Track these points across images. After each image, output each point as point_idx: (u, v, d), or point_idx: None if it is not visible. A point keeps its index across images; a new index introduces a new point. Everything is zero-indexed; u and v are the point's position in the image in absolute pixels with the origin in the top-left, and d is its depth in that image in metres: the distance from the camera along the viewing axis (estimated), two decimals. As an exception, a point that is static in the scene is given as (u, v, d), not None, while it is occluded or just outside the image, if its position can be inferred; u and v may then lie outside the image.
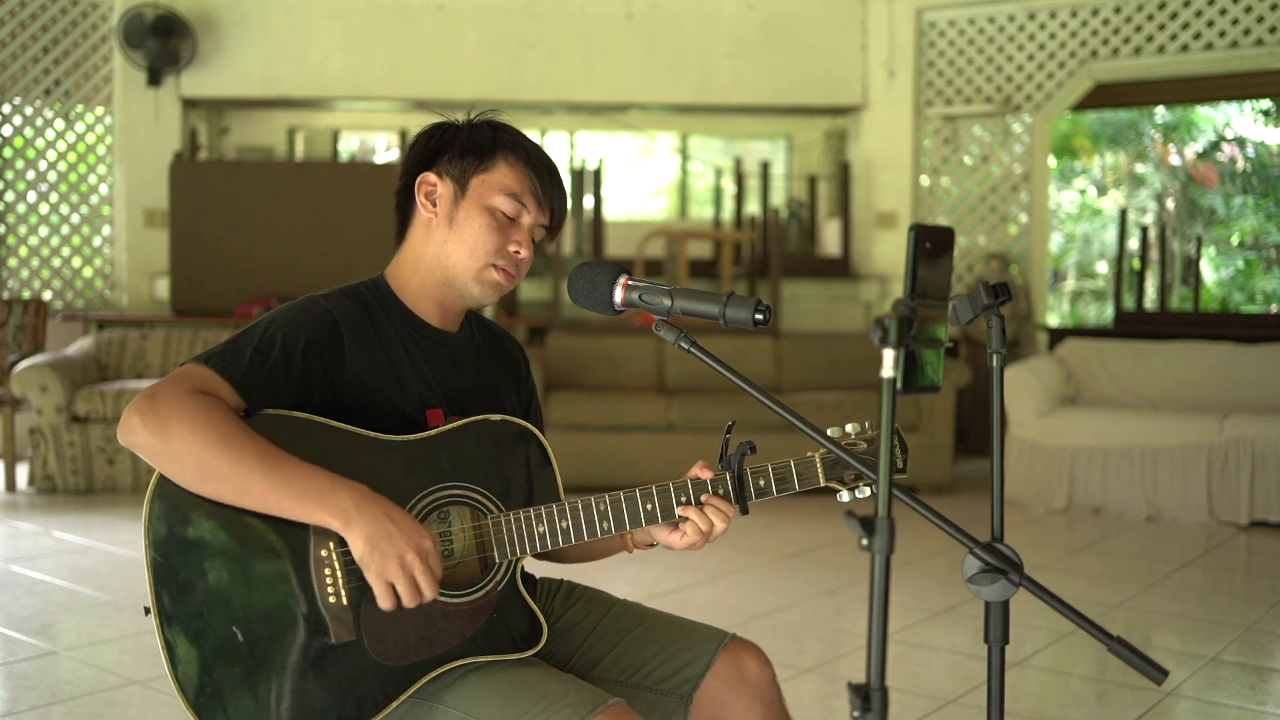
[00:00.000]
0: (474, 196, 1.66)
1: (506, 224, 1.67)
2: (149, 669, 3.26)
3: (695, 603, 4.11)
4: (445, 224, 1.67)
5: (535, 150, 1.71)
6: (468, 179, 1.67)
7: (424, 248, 1.69)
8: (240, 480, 1.44)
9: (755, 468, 1.66)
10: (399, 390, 1.63)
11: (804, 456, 1.67)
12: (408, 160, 1.72)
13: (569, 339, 6.78)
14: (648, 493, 1.63)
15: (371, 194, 7.07)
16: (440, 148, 1.70)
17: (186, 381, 1.48)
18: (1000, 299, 1.47)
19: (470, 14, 7.66)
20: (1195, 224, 13.46)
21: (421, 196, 1.69)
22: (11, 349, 6.48)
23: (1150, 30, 7.20)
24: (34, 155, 7.42)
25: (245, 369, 1.51)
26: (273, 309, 1.60)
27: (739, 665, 1.70)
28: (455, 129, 1.71)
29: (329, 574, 1.50)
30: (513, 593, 1.61)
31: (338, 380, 1.59)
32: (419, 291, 1.70)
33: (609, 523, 1.62)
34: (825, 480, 1.67)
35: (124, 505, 5.69)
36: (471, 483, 1.60)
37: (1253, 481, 5.64)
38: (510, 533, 1.60)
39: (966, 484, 6.63)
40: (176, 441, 1.44)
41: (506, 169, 1.67)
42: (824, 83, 7.85)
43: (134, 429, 1.45)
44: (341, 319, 1.61)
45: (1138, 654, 1.38)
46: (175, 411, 1.44)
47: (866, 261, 7.97)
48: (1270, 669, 3.58)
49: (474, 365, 1.75)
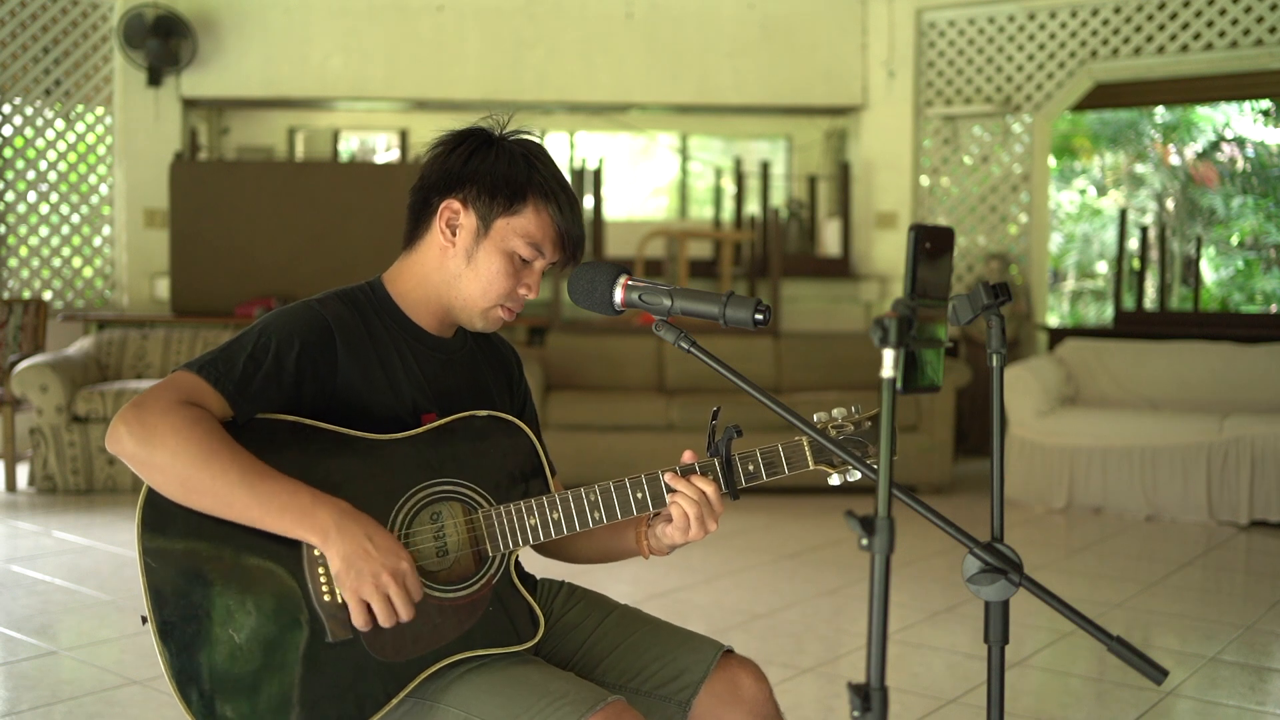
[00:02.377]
0: (496, 238, 1.64)
1: (521, 267, 1.66)
2: (149, 669, 3.27)
3: (695, 603, 4.11)
4: (463, 258, 1.65)
5: (563, 191, 1.66)
6: (492, 218, 1.63)
7: (434, 272, 1.67)
8: (222, 494, 1.44)
9: (743, 454, 1.65)
10: (392, 394, 1.63)
11: (792, 440, 1.66)
12: (436, 168, 1.66)
13: (569, 339, 6.78)
14: (637, 481, 1.64)
15: (371, 194, 7.07)
16: (471, 174, 1.64)
17: (175, 391, 1.48)
18: (1000, 299, 1.47)
19: (470, 14, 7.66)
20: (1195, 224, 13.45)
21: (442, 224, 1.65)
22: (12, 349, 6.49)
23: (1150, 30, 7.20)
24: (34, 155, 7.42)
25: (238, 378, 1.51)
26: (268, 314, 1.60)
27: (735, 684, 1.69)
28: (490, 150, 1.64)
29: (323, 573, 1.50)
30: (508, 586, 1.62)
31: (330, 385, 1.59)
32: (419, 303, 1.69)
33: (600, 512, 1.62)
34: (814, 463, 1.66)
35: (124, 505, 5.69)
36: (461, 478, 1.61)
37: (1253, 481, 5.64)
38: (502, 526, 1.60)
39: (966, 484, 6.63)
40: (160, 453, 1.43)
41: (533, 214, 1.63)
42: (824, 83, 7.85)
43: (120, 438, 1.45)
44: (335, 324, 1.60)
45: (1137, 654, 1.38)
46: (161, 423, 1.44)
47: (866, 261, 7.97)
48: (1270, 669, 3.58)
49: (466, 369, 1.74)
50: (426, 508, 1.58)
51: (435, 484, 1.59)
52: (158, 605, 1.48)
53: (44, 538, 4.97)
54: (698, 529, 1.63)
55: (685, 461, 1.66)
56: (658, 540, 1.70)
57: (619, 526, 1.74)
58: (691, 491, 1.62)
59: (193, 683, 1.47)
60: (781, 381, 6.75)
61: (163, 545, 1.49)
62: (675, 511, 1.63)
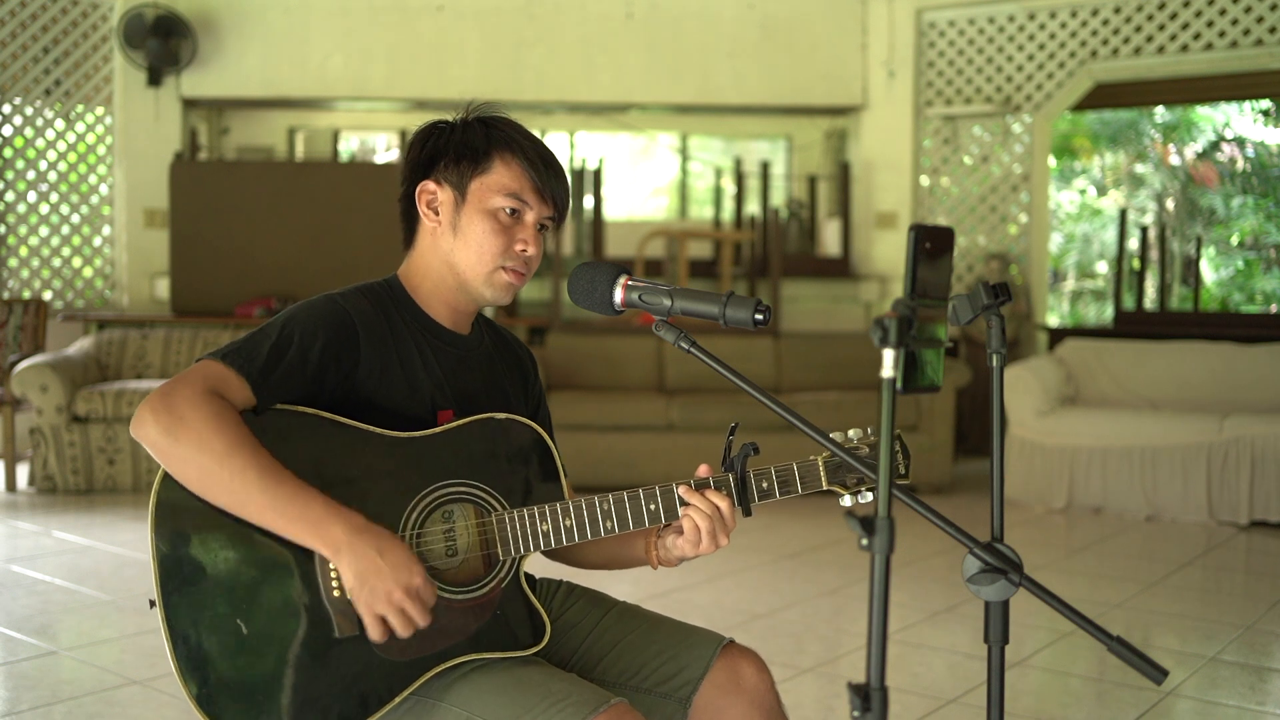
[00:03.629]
0: (474, 201, 1.66)
1: (510, 224, 1.66)
2: (149, 669, 3.27)
3: (695, 603, 4.11)
4: (450, 231, 1.67)
5: (530, 143, 1.69)
6: (466, 184, 1.66)
7: (432, 255, 1.69)
8: (238, 493, 1.45)
9: (758, 470, 1.66)
10: (411, 391, 1.64)
11: (807, 459, 1.67)
12: (406, 167, 1.72)
13: (569, 339, 6.78)
14: (650, 492, 1.64)
15: (371, 194, 7.07)
16: (436, 153, 1.68)
17: (202, 381, 1.48)
18: (1000, 299, 1.47)
19: (470, 14, 7.66)
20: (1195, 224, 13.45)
21: (423, 206, 1.69)
22: (11, 349, 6.49)
23: (1150, 30, 7.20)
24: (34, 155, 7.42)
25: (261, 365, 1.52)
26: (291, 306, 1.61)
27: (736, 673, 1.69)
28: (449, 130, 1.70)
29: (334, 569, 1.51)
30: (516, 590, 1.62)
31: (351, 379, 1.60)
32: (431, 294, 1.70)
33: (612, 522, 1.62)
34: (828, 484, 1.67)
35: (124, 505, 5.69)
36: (476, 480, 1.61)
37: (1253, 481, 5.64)
38: (514, 530, 1.60)
39: (966, 484, 6.63)
40: (183, 444, 1.45)
41: (503, 168, 1.66)
42: (824, 83, 7.85)
43: (145, 424, 1.46)
44: (359, 319, 1.61)
45: (1137, 654, 1.38)
46: (189, 414, 1.45)
47: (866, 261, 7.97)
48: (1270, 669, 3.58)
49: (482, 367, 1.75)
50: (440, 508, 1.59)
51: (449, 485, 1.59)
52: (167, 592, 1.48)
53: (44, 538, 4.97)
54: (709, 543, 1.63)
55: (700, 475, 1.66)
56: (667, 551, 1.70)
57: (628, 536, 1.74)
58: (705, 506, 1.62)
59: (197, 671, 1.47)
60: (781, 381, 6.75)
61: (175, 532, 1.49)
62: (687, 524, 1.63)
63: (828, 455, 1.66)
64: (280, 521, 1.46)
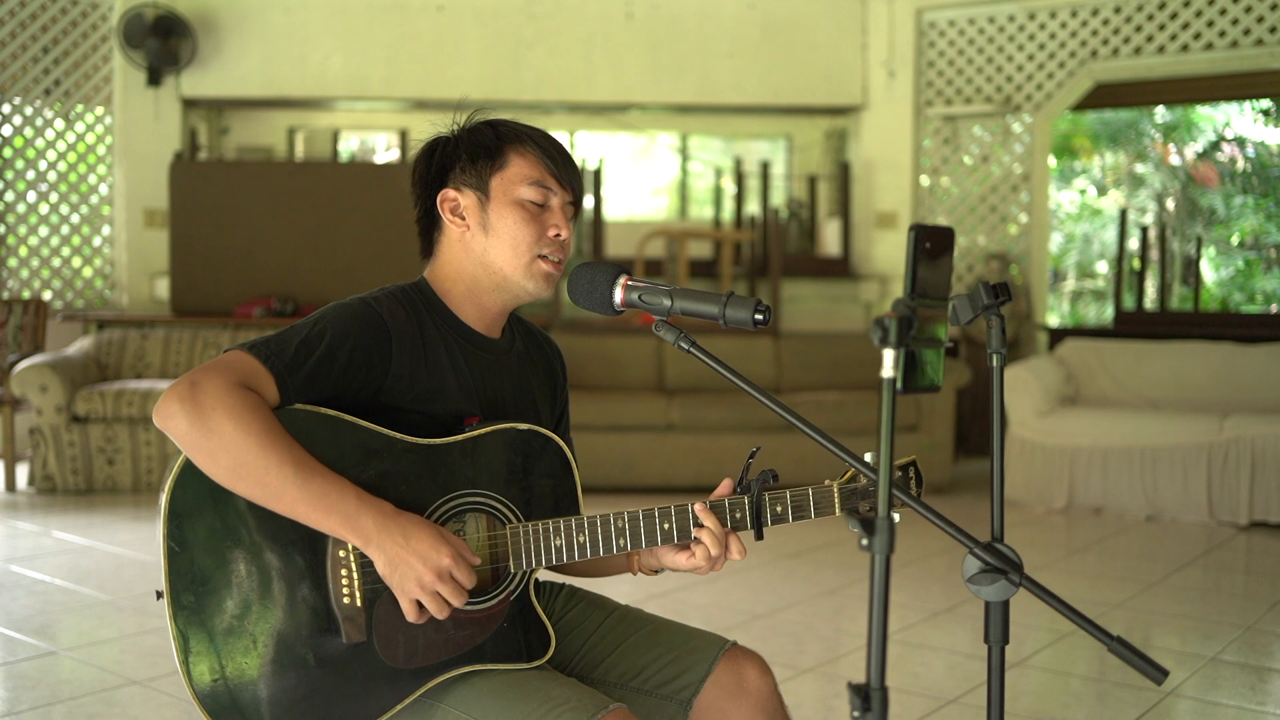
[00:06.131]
0: (499, 196, 1.66)
1: (538, 212, 1.66)
2: (149, 669, 3.27)
3: (695, 603, 4.11)
4: (480, 232, 1.66)
5: (538, 134, 1.70)
6: (487, 182, 1.66)
7: (464, 261, 1.68)
8: (272, 485, 1.44)
9: (773, 495, 1.66)
10: (438, 396, 1.63)
11: (822, 485, 1.67)
12: (418, 184, 1.71)
13: (569, 339, 6.78)
14: (666, 511, 1.63)
15: (371, 194, 7.06)
16: (447, 163, 1.68)
17: (230, 372, 1.47)
18: (1000, 299, 1.47)
19: (470, 14, 7.66)
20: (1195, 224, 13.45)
21: (447, 213, 1.68)
22: (11, 349, 6.48)
23: (1150, 30, 7.20)
24: (34, 155, 7.42)
25: (289, 360, 1.51)
26: (324, 307, 1.60)
27: (739, 675, 1.69)
28: (454, 141, 1.70)
29: (345, 575, 1.51)
30: (525, 603, 1.62)
31: (379, 384, 1.58)
32: (464, 298, 1.69)
33: (626, 540, 1.62)
34: (841, 510, 1.67)
35: (124, 505, 5.69)
36: (493, 490, 1.60)
37: (1253, 481, 5.64)
38: (527, 543, 1.60)
39: (966, 484, 6.63)
40: (216, 436, 1.43)
41: (519, 160, 1.66)
42: (824, 83, 7.85)
43: (173, 414, 1.44)
44: (391, 323, 1.60)
45: (1138, 654, 1.38)
46: (219, 405, 1.43)
47: (866, 261, 7.97)
48: (1270, 669, 3.58)
49: (513, 373, 1.75)
50: (454, 517, 1.58)
51: (465, 495, 1.59)
52: (176, 591, 1.48)
53: (44, 538, 4.97)
54: (708, 567, 1.65)
55: (719, 495, 1.67)
56: (656, 560, 1.71)
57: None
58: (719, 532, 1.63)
59: (202, 669, 1.48)
60: (781, 381, 6.75)
61: (187, 530, 1.48)
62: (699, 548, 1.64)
63: (842, 481, 1.68)
64: (313, 514, 1.46)
